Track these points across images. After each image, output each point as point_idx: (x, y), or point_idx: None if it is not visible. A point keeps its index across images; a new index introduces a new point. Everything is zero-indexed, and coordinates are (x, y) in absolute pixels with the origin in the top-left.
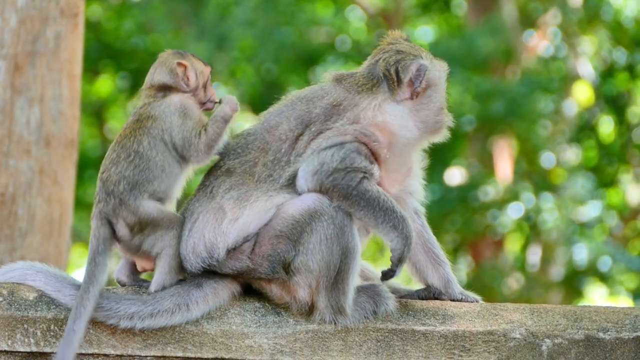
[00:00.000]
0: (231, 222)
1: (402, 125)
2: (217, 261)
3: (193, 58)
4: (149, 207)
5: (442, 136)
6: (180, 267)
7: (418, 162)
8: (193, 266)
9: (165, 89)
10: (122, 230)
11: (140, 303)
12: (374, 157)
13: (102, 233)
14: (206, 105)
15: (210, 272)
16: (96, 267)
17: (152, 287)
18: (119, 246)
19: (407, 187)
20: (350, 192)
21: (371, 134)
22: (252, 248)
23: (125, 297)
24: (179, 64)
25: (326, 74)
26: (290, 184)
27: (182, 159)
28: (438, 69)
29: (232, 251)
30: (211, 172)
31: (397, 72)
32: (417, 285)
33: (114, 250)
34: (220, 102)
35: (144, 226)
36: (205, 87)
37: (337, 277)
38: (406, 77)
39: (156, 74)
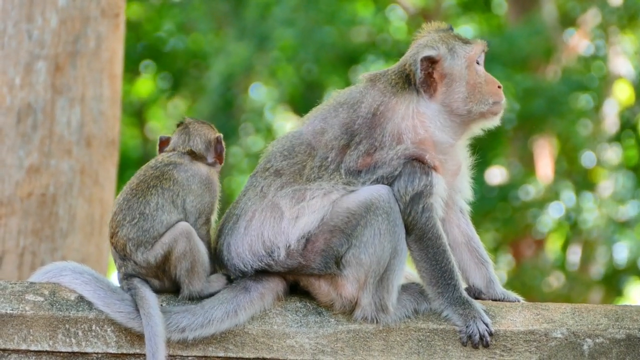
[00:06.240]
0: (291, 221)
1: (439, 126)
2: (274, 260)
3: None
4: (155, 251)
5: (489, 123)
6: (206, 269)
7: (466, 160)
8: (248, 265)
9: (193, 155)
10: (153, 282)
11: (191, 315)
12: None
13: (135, 283)
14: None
15: (257, 274)
16: (143, 300)
17: (189, 296)
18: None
19: (455, 185)
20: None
21: (419, 150)
22: (305, 245)
23: (175, 311)
24: (219, 140)
25: (361, 75)
26: (343, 184)
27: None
28: (456, 56)
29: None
30: (258, 173)
31: (414, 68)
32: None
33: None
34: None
35: (161, 266)
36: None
37: (383, 274)
38: (417, 72)
39: (191, 141)
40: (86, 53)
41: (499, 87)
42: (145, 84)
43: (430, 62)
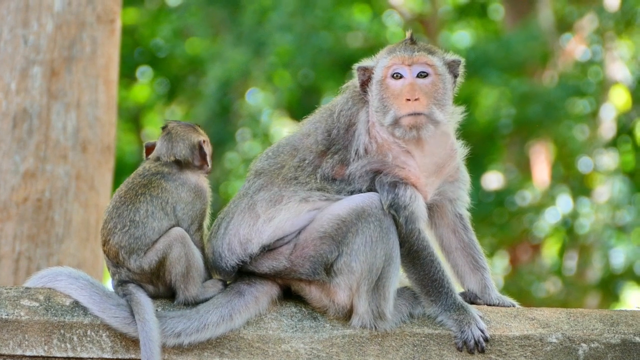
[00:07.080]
0: (265, 221)
1: (390, 132)
2: (251, 257)
3: (203, 130)
4: (149, 257)
5: (405, 131)
6: (201, 274)
7: (450, 159)
8: (228, 263)
9: (179, 163)
10: (147, 288)
11: (186, 320)
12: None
13: (130, 288)
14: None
15: (250, 277)
16: (139, 305)
17: (185, 301)
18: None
19: (445, 193)
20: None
21: (378, 165)
22: (292, 250)
23: (170, 316)
24: (203, 142)
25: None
26: (318, 189)
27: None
28: (376, 70)
29: (269, 250)
30: (247, 177)
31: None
32: None
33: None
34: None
35: (156, 272)
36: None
37: (378, 281)
38: (356, 80)
39: (175, 149)
40: (82, 58)
41: (407, 99)
42: (142, 90)
43: (368, 72)
